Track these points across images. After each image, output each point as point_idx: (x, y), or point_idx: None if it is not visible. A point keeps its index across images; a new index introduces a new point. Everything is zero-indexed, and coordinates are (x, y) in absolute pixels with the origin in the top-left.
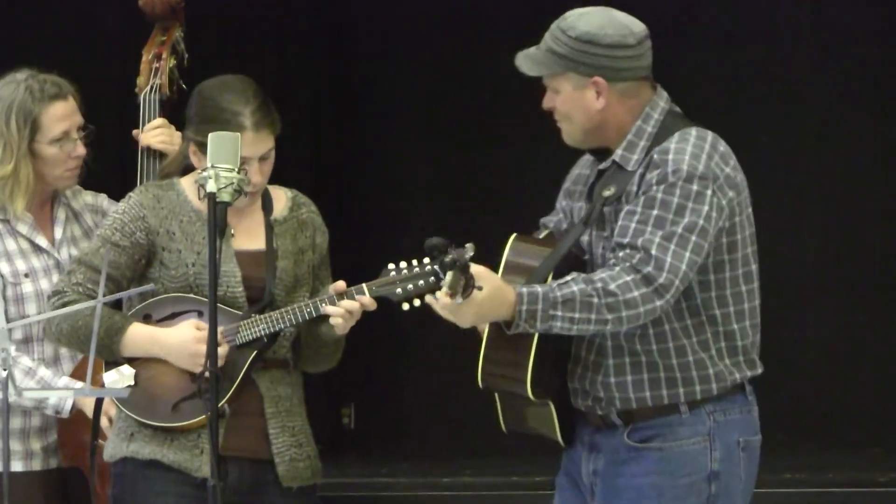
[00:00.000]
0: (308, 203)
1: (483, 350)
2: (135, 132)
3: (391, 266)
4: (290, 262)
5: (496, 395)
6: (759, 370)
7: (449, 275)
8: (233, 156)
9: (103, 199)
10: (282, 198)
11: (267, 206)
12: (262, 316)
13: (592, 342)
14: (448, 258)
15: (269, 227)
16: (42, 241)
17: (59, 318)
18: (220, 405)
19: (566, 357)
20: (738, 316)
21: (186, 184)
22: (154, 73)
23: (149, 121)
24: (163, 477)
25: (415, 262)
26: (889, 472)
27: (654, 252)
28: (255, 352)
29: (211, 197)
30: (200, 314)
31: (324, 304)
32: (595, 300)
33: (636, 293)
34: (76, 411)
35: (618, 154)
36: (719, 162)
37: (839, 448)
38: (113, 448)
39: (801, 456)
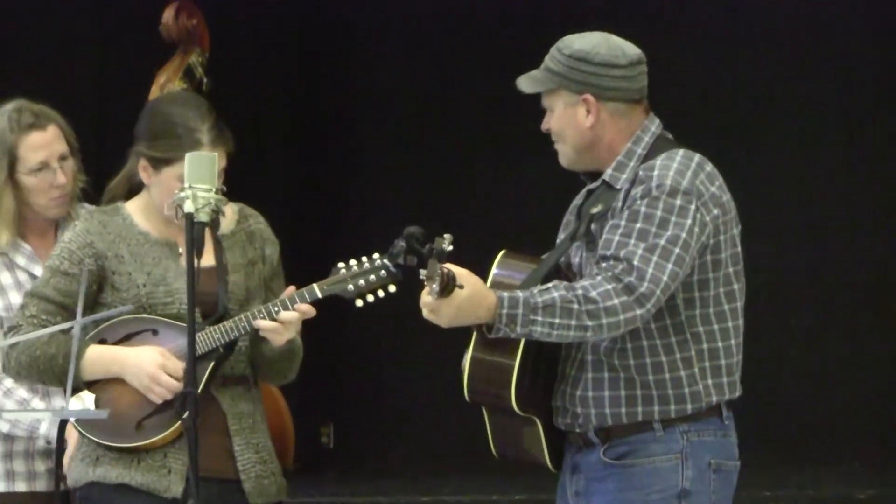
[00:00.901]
0: (255, 215)
1: (469, 364)
2: None
3: (341, 264)
4: (240, 276)
5: (485, 413)
6: (738, 393)
7: (429, 263)
8: (210, 176)
9: None
10: (228, 212)
11: (214, 221)
12: (214, 327)
13: (574, 358)
14: (426, 248)
15: (218, 243)
16: (40, 272)
17: (17, 351)
18: (182, 418)
19: (554, 378)
20: (723, 334)
21: (132, 208)
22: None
23: None
24: (132, 500)
25: (364, 258)
26: (867, 489)
27: (636, 263)
28: (212, 363)
29: (189, 217)
30: (155, 332)
31: (276, 310)
32: (575, 306)
33: (616, 301)
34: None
35: (607, 174)
36: (704, 180)
37: (817, 465)
38: (78, 473)
39: (780, 473)
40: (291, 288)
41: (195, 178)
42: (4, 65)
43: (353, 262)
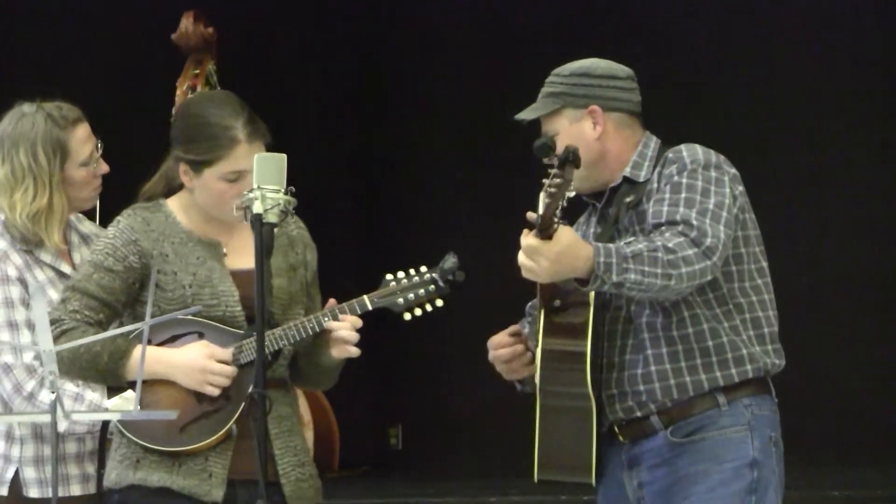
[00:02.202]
0: (296, 219)
1: (540, 354)
2: None
3: (389, 276)
4: (283, 280)
5: (537, 420)
6: (783, 362)
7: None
8: (279, 176)
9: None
10: None
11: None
12: (268, 332)
13: (626, 344)
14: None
15: None
16: (66, 268)
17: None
18: (227, 426)
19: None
20: (762, 305)
21: (174, 205)
22: None
23: None
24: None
25: (412, 271)
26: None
27: (694, 223)
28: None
29: (257, 218)
30: (201, 335)
31: (326, 319)
32: (660, 255)
33: (690, 251)
34: None
35: (626, 171)
36: (726, 161)
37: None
38: (117, 475)
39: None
40: (333, 300)
41: (264, 179)
42: (21, 74)
43: (401, 274)
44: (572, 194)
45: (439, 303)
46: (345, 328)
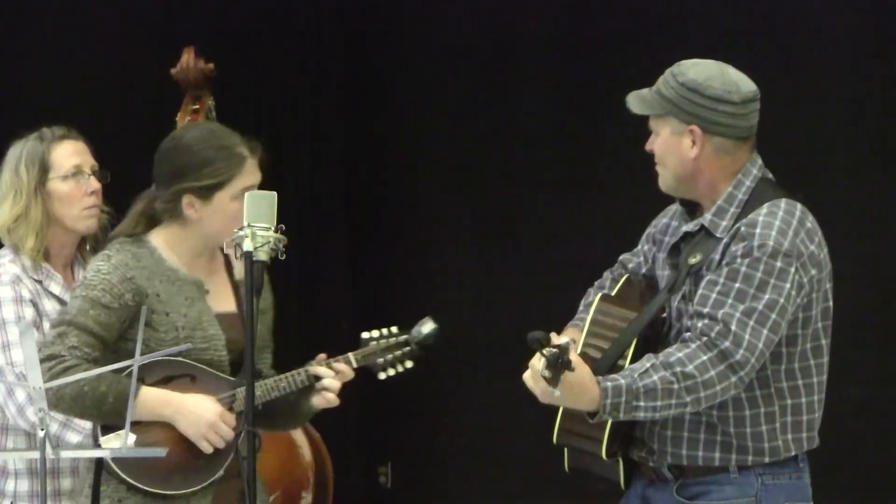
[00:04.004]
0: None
1: (561, 409)
2: None
3: (366, 335)
4: (258, 324)
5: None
6: (816, 445)
7: (545, 364)
8: (269, 214)
9: None
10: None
11: (228, 264)
12: (256, 384)
13: None
14: (552, 352)
15: (236, 288)
16: None
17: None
18: (216, 475)
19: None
20: (807, 389)
21: (158, 241)
22: None
23: None
24: None
25: (385, 330)
26: None
27: (733, 327)
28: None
29: (248, 256)
30: (193, 378)
31: (299, 378)
32: (675, 386)
33: (713, 372)
34: None
35: (706, 219)
36: (805, 239)
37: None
38: None
39: None
40: (322, 355)
41: (254, 217)
42: (24, 109)
43: (375, 332)
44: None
45: (409, 364)
46: (331, 376)
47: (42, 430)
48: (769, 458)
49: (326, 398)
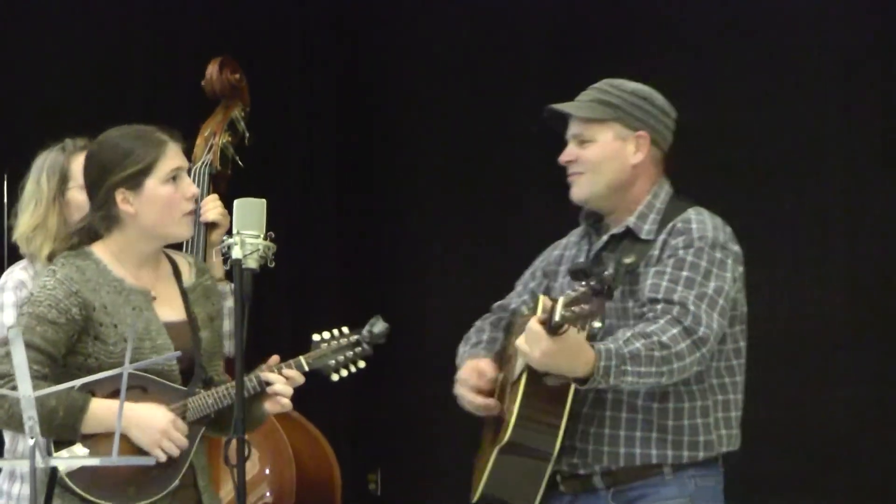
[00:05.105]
0: (207, 269)
1: (517, 408)
2: None
3: (317, 337)
4: (207, 332)
5: (493, 459)
6: (737, 448)
7: (572, 298)
8: (258, 222)
9: None
10: (184, 263)
11: (176, 272)
12: (207, 392)
13: (589, 396)
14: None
15: (185, 295)
16: None
17: (9, 401)
18: (172, 484)
19: None
20: (733, 387)
21: (102, 252)
22: (208, 149)
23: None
24: None
25: (336, 331)
26: None
27: (691, 307)
28: (202, 428)
29: (237, 264)
30: (144, 390)
31: (251, 384)
32: (655, 353)
33: (683, 345)
34: None
35: (630, 221)
36: (732, 238)
37: None
38: None
39: None
40: (276, 357)
41: (243, 224)
42: (49, 121)
43: (325, 333)
44: (598, 325)
45: (361, 364)
46: (281, 382)
47: (32, 438)
48: (703, 454)
49: (281, 403)
